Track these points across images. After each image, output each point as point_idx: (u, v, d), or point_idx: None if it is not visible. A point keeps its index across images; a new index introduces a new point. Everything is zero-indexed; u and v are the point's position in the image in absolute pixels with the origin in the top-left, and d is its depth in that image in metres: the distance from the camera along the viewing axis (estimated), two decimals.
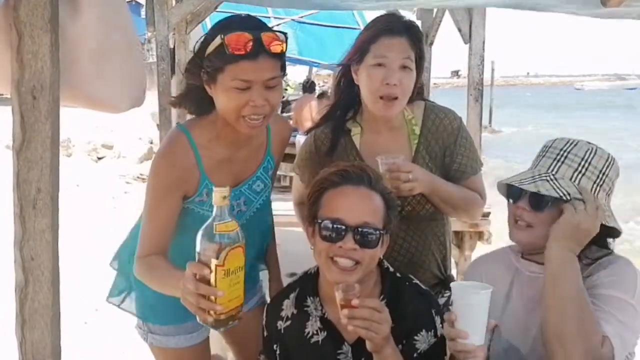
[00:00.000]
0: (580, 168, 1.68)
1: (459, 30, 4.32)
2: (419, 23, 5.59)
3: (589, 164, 1.68)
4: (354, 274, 1.60)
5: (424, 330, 1.63)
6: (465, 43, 4.37)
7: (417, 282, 1.76)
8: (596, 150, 1.69)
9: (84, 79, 1.38)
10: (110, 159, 11.01)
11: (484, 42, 4.30)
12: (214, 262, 1.34)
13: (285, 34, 1.68)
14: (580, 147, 1.70)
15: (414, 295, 1.70)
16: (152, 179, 1.78)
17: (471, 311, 1.43)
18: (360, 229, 1.60)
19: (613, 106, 44.68)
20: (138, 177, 9.73)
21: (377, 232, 1.61)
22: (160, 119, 4.09)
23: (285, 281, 2.05)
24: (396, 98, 1.92)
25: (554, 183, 1.66)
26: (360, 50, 1.97)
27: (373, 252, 1.62)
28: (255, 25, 1.68)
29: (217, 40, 1.62)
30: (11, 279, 1.37)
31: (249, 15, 1.74)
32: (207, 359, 2.17)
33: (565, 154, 1.70)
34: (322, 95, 10.34)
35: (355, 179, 1.66)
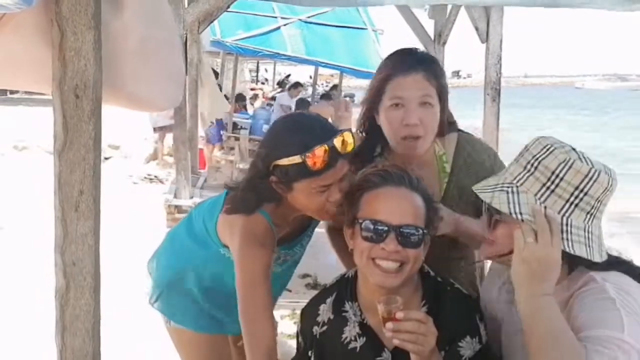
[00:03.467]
0: (549, 183, 1.40)
1: (476, 28, 4.25)
2: (431, 22, 5.52)
3: (561, 179, 1.39)
4: (397, 276, 1.56)
5: (468, 337, 1.58)
6: (482, 42, 4.30)
7: (459, 286, 1.71)
8: (573, 162, 1.38)
9: (126, 78, 1.33)
10: (117, 159, 10.97)
11: (501, 41, 4.24)
12: None
13: (349, 130, 1.74)
14: (555, 157, 1.40)
15: (456, 300, 1.65)
16: (251, 265, 1.78)
17: None
18: (402, 229, 1.55)
19: (614, 106, 44.71)
20: (145, 178, 9.67)
21: (420, 231, 1.57)
22: (175, 119, 4.07)
23: (298, 282, 2.03)
24: (419, 137, 1.83)
25: (513, 197, 1.42)
26: (376, 92, 1.89)
27: (416, 253, 1.58)
28: (323, 129, 1.72)
29: (295, 159, 1.67)
30: (49, 284, 1.33)
31: (302, 114, 1.83)
32: (225, 350, 2.19)
33: (536, 163, 1.42)
34: (326, 96, 10.30)
35: (396, 180, 1.62)
